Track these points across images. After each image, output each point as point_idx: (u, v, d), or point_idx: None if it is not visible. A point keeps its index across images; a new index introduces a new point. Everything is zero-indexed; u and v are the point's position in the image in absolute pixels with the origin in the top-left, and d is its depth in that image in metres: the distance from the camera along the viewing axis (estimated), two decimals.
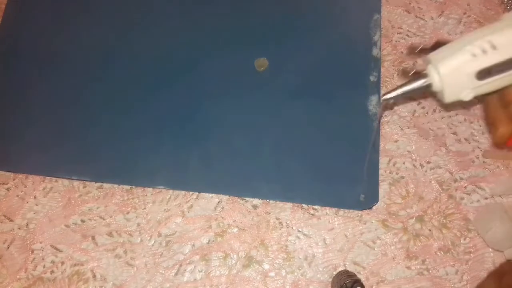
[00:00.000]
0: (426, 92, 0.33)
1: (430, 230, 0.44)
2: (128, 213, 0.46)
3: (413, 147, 0.47)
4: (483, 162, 0.46)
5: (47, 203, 0.47)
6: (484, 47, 0.30)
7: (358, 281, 0.39)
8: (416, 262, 0.44)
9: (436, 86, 0.32)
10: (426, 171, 0.46)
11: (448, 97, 0.32)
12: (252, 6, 0.52)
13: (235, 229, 0.45)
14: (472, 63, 0.30)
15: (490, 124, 0.38)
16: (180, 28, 0.51)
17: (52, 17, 0.53)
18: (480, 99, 0.34)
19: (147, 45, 0.51)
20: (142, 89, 0.49)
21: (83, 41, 0.52)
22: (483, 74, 0.30)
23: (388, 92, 0.34)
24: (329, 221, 0.45)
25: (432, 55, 0.32)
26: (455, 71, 0.31)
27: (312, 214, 0.45)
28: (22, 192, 0.47)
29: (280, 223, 0.45)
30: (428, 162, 0.46)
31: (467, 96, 0.32)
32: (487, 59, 0.30)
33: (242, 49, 0.50)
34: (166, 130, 0.48)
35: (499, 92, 0.34)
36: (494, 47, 0.30)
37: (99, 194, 0.47)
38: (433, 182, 0.46)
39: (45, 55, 0.51)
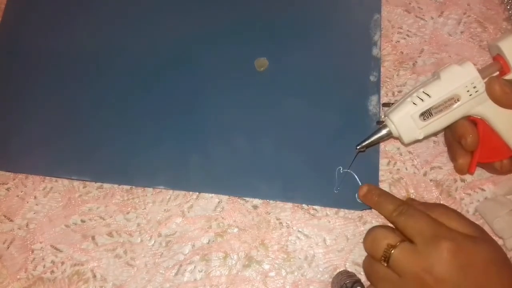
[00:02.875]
0: (391, 138, 0.42)
1: None
2: (128, 213, 0.46)
3: (414, 148, 0.47)
4: None
5: (47, 203, 0.47)
6: (421, 96, 0.39)
7: (358, 281, 0.39)
8: None
9: (394, 132, 0.40)
10: (426, 172, 0.46)
11: (406, 139, 0.40)
12: (252, 6, 0.52)
13: (235, 229, 0.45)
14: (415, 108, 0.39)
15: (451, 156, 0.45)
16: (180, 27, 0.51)
17: (52, 17, 0.53)
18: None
19: (147, 44, 0.51)
20: (142, 89, 0.49)
21: (83, 40, 0.52)
22: (426, 115, 0.39)
23: (361, 142, 0.42)
24: (329, 222, 0.45)
25: (386, 110, 0.42)
26: (403, 117, 0.39)
27: (313, 215, 0.45)
28: (22, 192, 0.47)
29: (280, 223, 0.45)
30: (429, 163, 0.46)
31: (419, 135, 0.40)
32: (425, 104, 0.39)
33: (242, 49, 0.50)
34: (166, 130, 0.48)
35: (451, 129, 0.42)
36: (428, 95, 0.39)
37: (99, 194, 0.47)
38: (433, 182, 0.46)
39: (44, 55, 0.51)
